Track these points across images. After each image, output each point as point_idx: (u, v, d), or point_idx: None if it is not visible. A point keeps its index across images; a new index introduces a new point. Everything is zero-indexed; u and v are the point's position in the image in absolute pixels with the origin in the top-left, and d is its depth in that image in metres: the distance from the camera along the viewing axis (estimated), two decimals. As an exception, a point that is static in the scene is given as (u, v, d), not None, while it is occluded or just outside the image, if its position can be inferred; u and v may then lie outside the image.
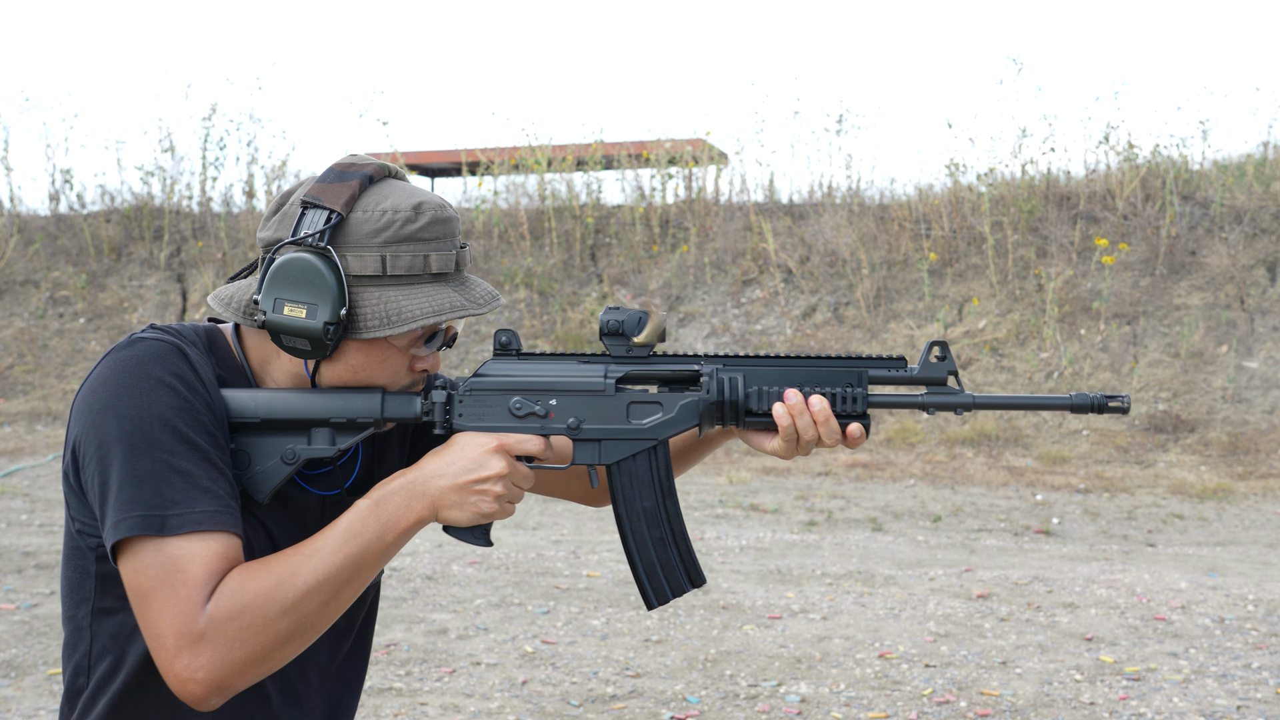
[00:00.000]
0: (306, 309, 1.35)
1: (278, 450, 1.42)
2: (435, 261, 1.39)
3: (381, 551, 1.35)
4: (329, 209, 1.37)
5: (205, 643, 1.27)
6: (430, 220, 1.39)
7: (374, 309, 1.37)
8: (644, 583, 1.49)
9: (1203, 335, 9.05)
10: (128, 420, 1.31)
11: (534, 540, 6.24)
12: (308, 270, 1.35)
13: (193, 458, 1.32)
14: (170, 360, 1.35)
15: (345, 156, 1.44)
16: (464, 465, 1.37)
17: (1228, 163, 10.45)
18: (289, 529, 1.45)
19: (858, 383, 1.47)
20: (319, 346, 1.37)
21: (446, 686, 3.99)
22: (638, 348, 1.47)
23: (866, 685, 4.00)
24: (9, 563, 5.61)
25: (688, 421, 1.45)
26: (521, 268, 11.04)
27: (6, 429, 9.98)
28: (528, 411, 1.43)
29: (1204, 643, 4.44)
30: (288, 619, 1.29)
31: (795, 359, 1.47)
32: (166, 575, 1.28)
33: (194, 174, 12.23)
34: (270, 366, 1.47)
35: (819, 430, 1.44)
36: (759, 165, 13.63)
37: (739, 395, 1.45)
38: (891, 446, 8.67)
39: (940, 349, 1.47)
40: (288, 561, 1.32)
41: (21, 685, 3.96)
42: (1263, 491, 7.50)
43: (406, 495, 1.37)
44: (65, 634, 1.46)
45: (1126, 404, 1.46)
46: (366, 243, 1.37)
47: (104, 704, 1.41)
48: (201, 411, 1.35)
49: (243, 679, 1.29)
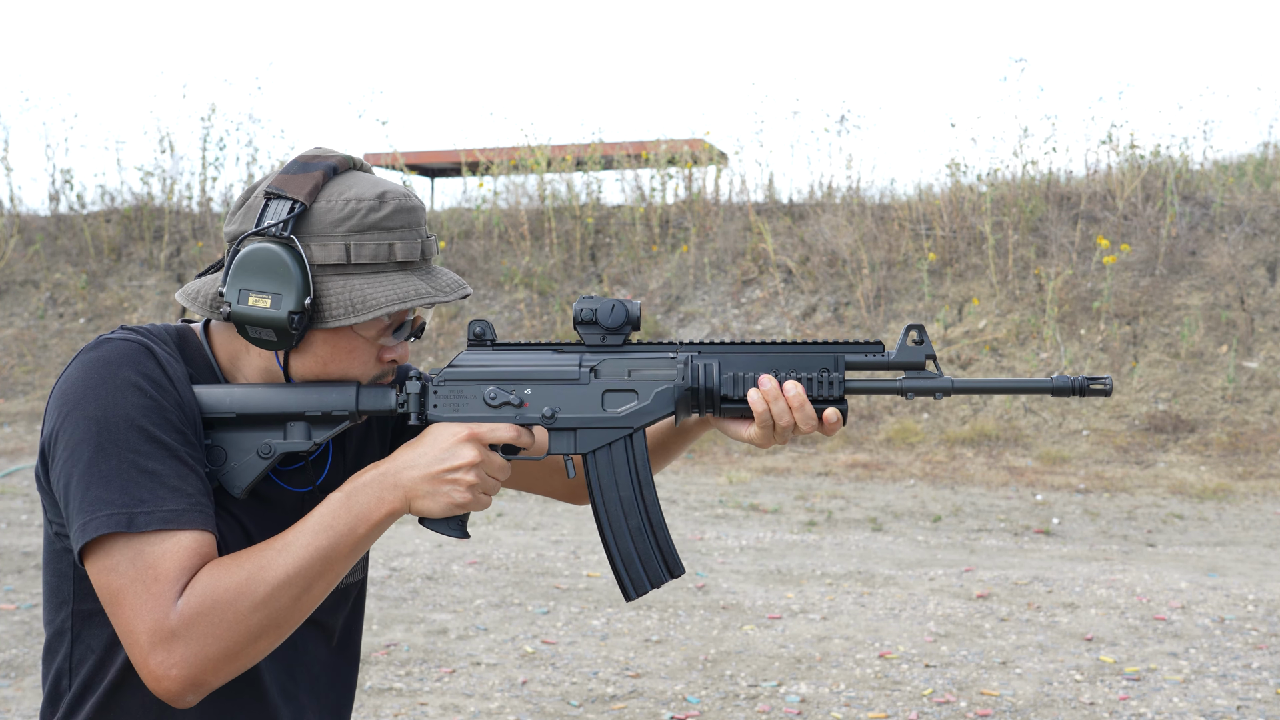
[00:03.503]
0: (271, 299, 1.34)
1: (253, 445, 1.41)
2: (400, 250, 1.39)
3: (354, 544, 1.34)
4: (292, 199, 1.36)
5: (178, 639, 1.26)
6: (394, 209, 1.39)
7: (338, 297, 1.37)
8: (622, 573, 1.48)
9: (1203, 335, 9.05)
10: (94, 421, 1.30)
11: (534, 540, 6.24)
12: (271, 260, 1.34)
13: (160, 456, 1.31)
14: (138, 360, 1.34)
15: (310, 149, 1.44)
16: (435, 455, 1.37)
17: (1228, 163, 10.45)
18: (266, 526, 1.44)
19: (834, 368, 1.45)
20: (284, 336, 1.37)
21: (446, 686, 3.99)
22: (612, 336, 1.46)
23: (866, 685, 4.00)
24: (9, 563, 5.61)
25: (663, 409, 1.44)
26: (521, 268, 11.04)
27: (6, 429, 9.98)
28: (502, 401, 1.43)
29: (1204, 643, 4.44)
30: (260, 613, 1.29)
31: (771, 345, 1.46)
32: (137, 573, 1.27)
33: (194, 174, 12.25)
34: (240, 362, 1.46)
35: (794, 416, 1.43)
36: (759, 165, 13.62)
37: (714, 382, 1.44)
38: (891, 446, 8.67)
39: (918, 333, 1.46)
40: (260, 556, 1.31)
41: (21, 685, 3.96)
42: (1263, 491, 7.49)
43: (379, 487, 1.36)
44: (46, 637, 1.45)
45: (1109, 386, 1.44)
46: (330, 232, 1.37)
47: (90, 706, 1.40)
48: (170, 410, 1.34)
49: (217, 675, 1.28)
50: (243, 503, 1.44)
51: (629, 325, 1.46)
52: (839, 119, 11.47)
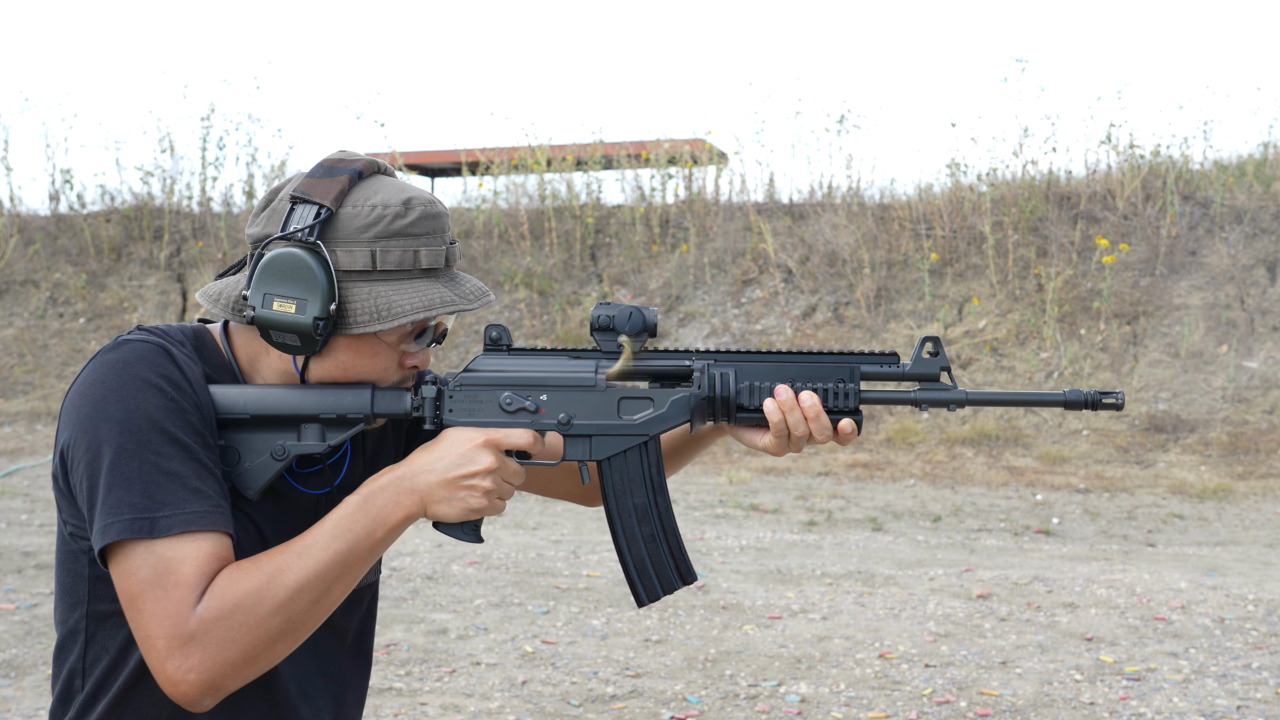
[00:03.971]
0: (296, 304, 1.34)
1: (267, 446, 1.41)
2: (425, 257, 1.38)
3: (371, 548, 1.34)
4: (318, 204, 1.36)
5: (196, 643, 1.26)
6: (420, 215, 1.38)
7: (363, 304, 1.36)
8: (635, 580, 1.49)
9: (1203, 335, 9.05)
10: (115, 422, 1.30)
11: (534, 540, 6.24)
12: (297, 265, 1.34)
13: (181, 458, 1.31)
14: (156, 361, 1.34)
15: (335, 152, 1.43)
16: (452, 460, 1.37)
17: (1228, 163, 10.45)
18: (281, 528, 1.44)
19: (849, 378, 1.46)
20: (308, 342, 1.36)
21: (446, 686, 3.99)
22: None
23: (866, 685, 4.00)
24: (9, 563, 5.61)
25: (679, 417, 1.45)
26: (521, 268, 11.04)
27: (6, 429, 9.98)
28: (518, 407, 1.43)
29: (1204, 643, 4.44)
30: (278, 617, 1.29)
31: (787, 355, 1.47)
32: (157, 577, 1.27)
33: (194, 174, 12.24)
34: (259, 364, 1.46)
35: (810, 426, 1.44)
36: (759, 165, 13.63)
37: (730, 391, 1.45)
38: (891, 446, 8.67)
39: (933, 345, 1.46)
40: (277, 559, 1.31)
41: (21, 685, 3.96)
42: (1263, 491, 7.49)
43: (395, 491, 1.36)
44: (58, 637, 1.44)
45: (1121, 400, 1.45)
46: (356, 238, 1.36)
47: (103, 706, 1.40)
48: (189, 411, 1.34)
49: (235, 679, 1.28)
50: (259, 503, 1.44)
51: (646, 332, 1.45)
52: (839, 119, 11.47)
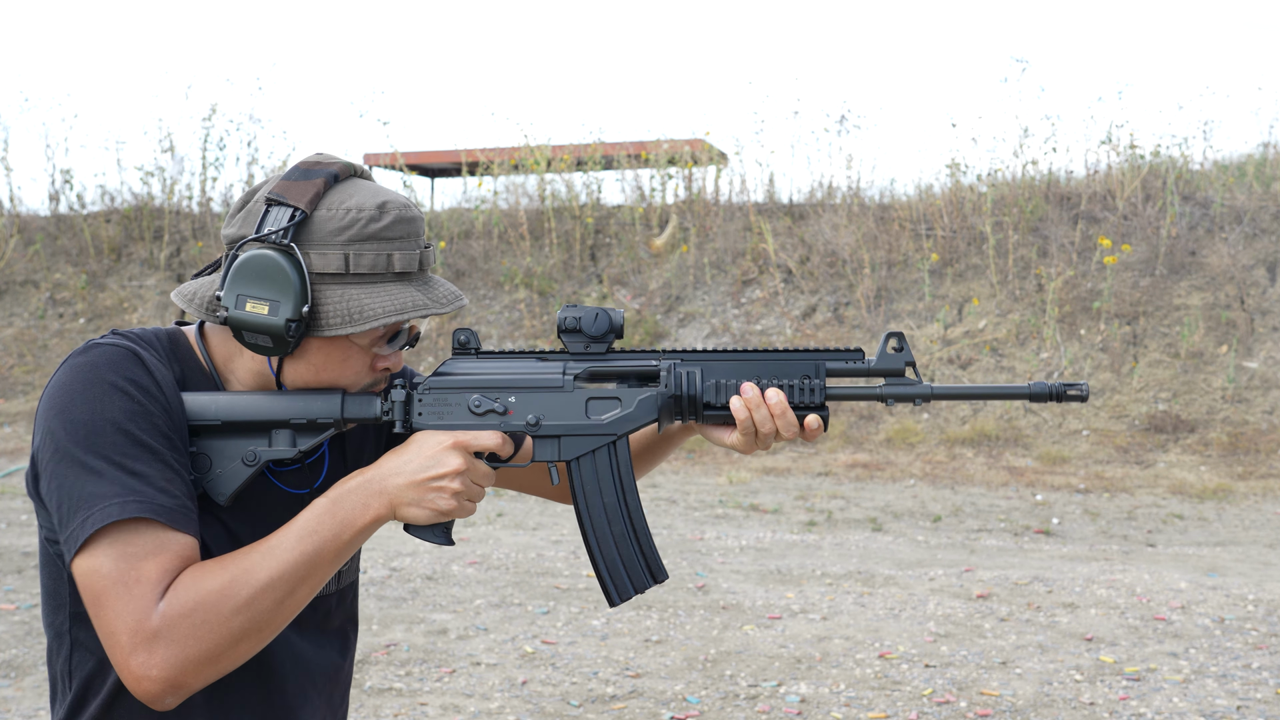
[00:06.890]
0: (269, 305, 1.35)
1: (238, 453, 1.42)
2: (398, 260, 1.39)
3: (339, 550, 1.35)
4: (293, 206, 1.37)
5: (159, 641, 1.26)
6: (394, 219, 1.39)
7: (336, 307, 1.37)
8: (605, 579, 1.49)
9: (1203, 335, 9.05)
10: (80, 425, 1.30)
11: (534, 540, 6.24)
12: (270, 267, 1.35)
13: (146, 459, 1.31)
14: (124, 365, 1.35)
15: (311, 155, 1.44)
16: (421, 463, 1.37)
17: (1228, 163, 10.45)
18: (255, 529, 1.44)
19: (815, 375, 1.47)
20: (280, 343, 1.37)
21: (446, 686, 3.99)
22: (596, 344, 1.47)
23: (866, 685, 4.00)
24: (9, 563, 5.61)
25: (646, 416, 1.46)
26: (521, 268, 11.04)
27: (6, 429, 9.98)
28: (487, 409, 1.44)
29: (1204, 643, 4.44)
30: (241, 616, 1.29)
31: (753, 353, 1.48)
32: (120, 574, 1.27)
33: (194, 174, 12.24)
34: (234, 364, 1.46)
35: (776, 423, 1.45)
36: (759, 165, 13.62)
37: (697, 389, 1.46)
38: (891, 447, 8.67)
39: (897, 340, 1.47)
40: (243, 559, 1.31)
41: (21, 685, 3.96)
42: (1263, 491, 7.49)
43: (364, 494, 1.36)
44: (47, 639, 1.45)
45: (1085, 392, 1.46)
46: (330, 240, 1.37)
47: (94, 707, 1.41)
48: (156, 415, 1.35)
49: (198, 677, 1.28)
50: (237, 505, 1.44)
51: (612, 333, 1.47)
52: (839, 119, 11.47)
